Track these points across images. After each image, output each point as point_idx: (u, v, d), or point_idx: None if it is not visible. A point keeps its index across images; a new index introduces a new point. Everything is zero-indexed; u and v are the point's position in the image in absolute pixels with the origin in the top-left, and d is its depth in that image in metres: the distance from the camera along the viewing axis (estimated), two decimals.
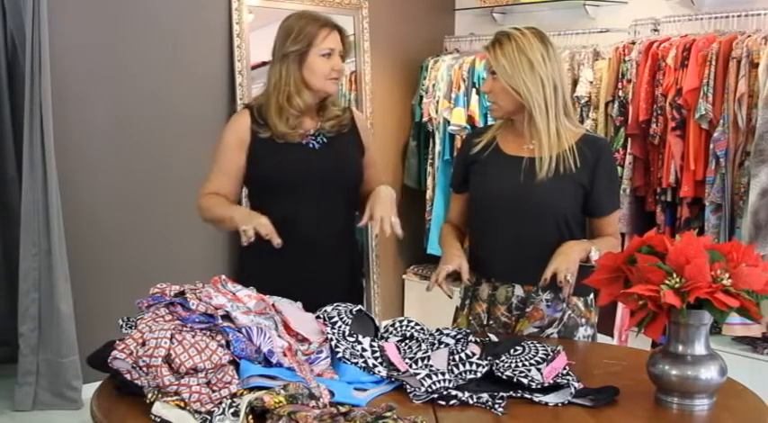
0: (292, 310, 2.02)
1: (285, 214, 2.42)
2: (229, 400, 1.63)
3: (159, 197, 4.19)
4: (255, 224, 2.23)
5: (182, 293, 1.84)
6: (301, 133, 2.46)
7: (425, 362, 1.88)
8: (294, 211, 2.43)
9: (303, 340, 1.94)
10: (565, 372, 1.88)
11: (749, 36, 3.69)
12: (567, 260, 2.20)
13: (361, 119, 2.66)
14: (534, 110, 2.27)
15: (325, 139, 2.50)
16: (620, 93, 4.08)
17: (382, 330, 2.10)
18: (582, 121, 4.20)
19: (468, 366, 1.87)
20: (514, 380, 1.83)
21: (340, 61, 2.46)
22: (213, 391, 1.66)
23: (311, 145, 2.48)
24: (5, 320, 4.27)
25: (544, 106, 2.27)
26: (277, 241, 2.24)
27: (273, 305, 1.98)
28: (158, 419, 1.63)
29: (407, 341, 2.02)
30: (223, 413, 1.59)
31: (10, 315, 4.14)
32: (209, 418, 1.60)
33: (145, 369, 1.71)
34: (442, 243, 2.47)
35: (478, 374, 1.86)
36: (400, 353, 1.94)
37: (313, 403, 1.63)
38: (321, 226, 2.47)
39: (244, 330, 1.79)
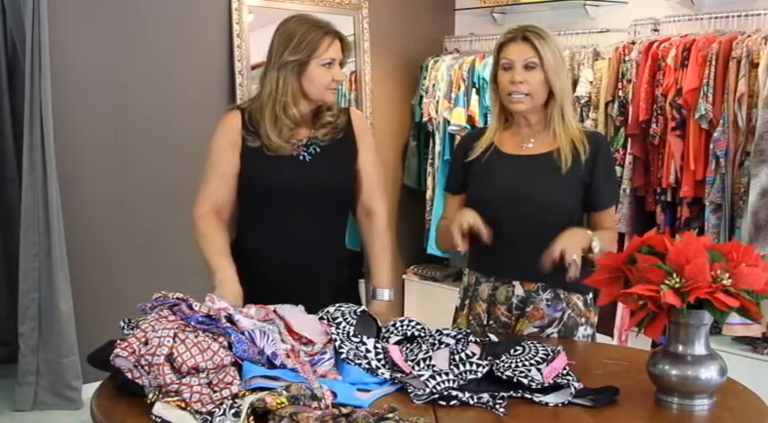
0: (294, 314, 2.02)
1: (273, 225, 2.41)
2: (230, 401, 1.63)
3: (159, 197, 4.19)
4: (226, 300, 1.97)
5: (184, 300, 1.85)
6: (293, 143, 2.39)
7: (428, 362, 1.88)
8: (282, 222, 2.41)
9: (308, 342, 1.94)
10: (565, 372, 1.88)
11: (749, 36, 3.69)
12: (572, 242, 2.18)
13: (359, 119, 2.55)
14: (566, 103, 2.34)
15: (317, 149, 2.41)
16: (620, 93, 4.08)
17: (383, 331, 2.10)
18: (582, 121, 4.20)
19: (468, 366, 1.87)
20: (514, 380, 1.83)
21: (340, 71, 2.39)
22: (214, 392, 1.66)
23: (302, 157, 2.39)
24: (5, 320, 4.27)
25: (569, 102, 2.36)
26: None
27: (275, 311, 1.98)
28: (159, 420, 1.63)
29: (408, 344, 2.02)
30: (224, 414, 1.59)
31: (10, 315, 4.14)
32: (209, 418, 1.60)
33: (147, 367, 1.71)
34: (447, 225, 2.39)
35: (479, 374, 1.86)
36: (402, 356, 1.94)
37: (315, 404, 1.63)
38: (309, 238, 2.42)
39: (246, 333, 1.79)
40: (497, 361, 1.91)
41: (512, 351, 1.97)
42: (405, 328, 2.08)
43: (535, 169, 2.31)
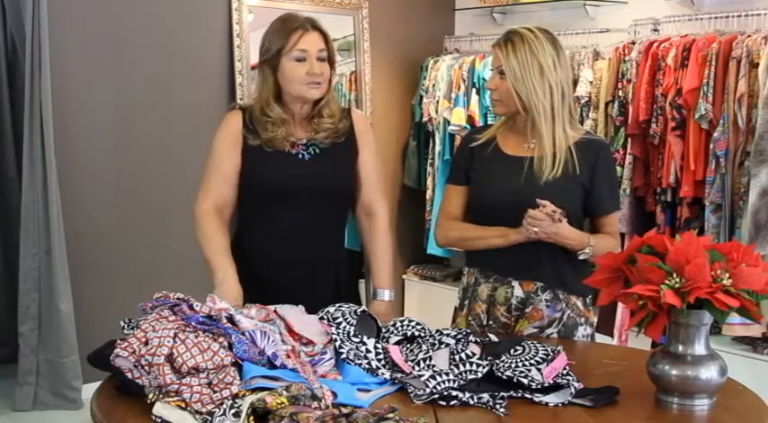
0: (295, 314, 2.01)
1: (273, 223, 2.42)
2: (230, 401, 1.63)
3: (159, 197, 4.19)
4: (226, 300, 1.95)
5: (185, 300, 1.85)
6: (292, 141, 2.40)
7: (428, 362, 1.88)
8: (282, 220, 2.41)
9: (308, 343, 1.94)
10: (565, 372, 1.88)
11: (749, 36, 3.69)
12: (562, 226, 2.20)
13: (360, 119, 2.53)
14: (539, 115, 2.27)
15: (317, 150, 2.42)
16: (620, 93, 4.08)
17: (384, 331, 2.10)
18: (582, 121, 4.20)
19: (468, 366, 1.87)
20: (514, 380, 1.83)
21: (317, 64, 2.34)
22: (214, 392, 1.66)
23: (301, 155, 2.40)
24: (5, 320, 4.27)
25: (550, 112, 2.27)
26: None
27: (275, 311, 1.98)
28: (159, 420, 1.63)
29: (408, 344, 2.02)
30: (224, 414, 1.59)
31: (10, 315, 4.14)
32: (209, 418, 1.60)
33: (147, 367, 1.71)
34: (482, 230, 2.36)
35: (479, 374, 1.86)
36: (402, 356, 1.94)
37: (315, 404, 1.63)
38: (307, 236, 2.43)
39: (247, 333, 1.79)
40: (497, 361, 1.91)
41: (512, 351, 1.97)
42: (405, 328, 2.08)
43: (533, 171, 2.29)
